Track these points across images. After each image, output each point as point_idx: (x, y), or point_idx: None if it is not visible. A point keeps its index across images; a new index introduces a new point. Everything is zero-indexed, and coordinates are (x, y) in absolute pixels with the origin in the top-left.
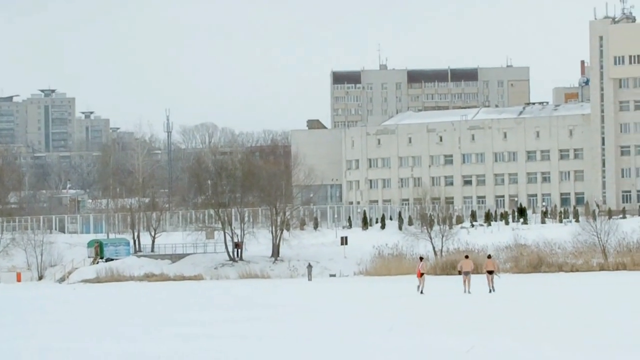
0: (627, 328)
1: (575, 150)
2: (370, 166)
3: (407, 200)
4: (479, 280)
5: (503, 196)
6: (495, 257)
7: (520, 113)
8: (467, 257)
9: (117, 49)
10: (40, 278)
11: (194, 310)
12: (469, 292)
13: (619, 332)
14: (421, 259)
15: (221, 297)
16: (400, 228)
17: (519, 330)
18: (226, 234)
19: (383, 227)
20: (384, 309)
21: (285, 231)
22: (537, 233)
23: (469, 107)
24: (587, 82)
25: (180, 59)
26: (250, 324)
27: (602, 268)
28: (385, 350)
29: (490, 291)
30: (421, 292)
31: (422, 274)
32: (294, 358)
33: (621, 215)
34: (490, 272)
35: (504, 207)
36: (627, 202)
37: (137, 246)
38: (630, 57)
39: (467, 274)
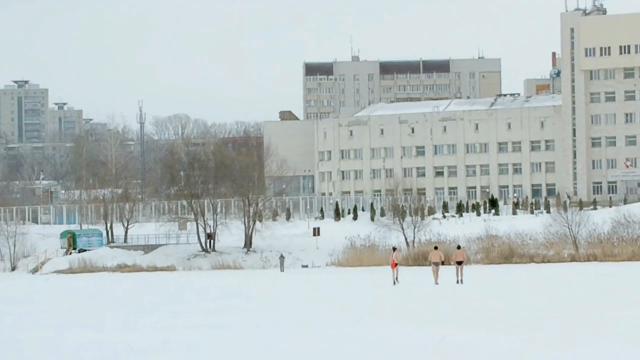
0: (597, 319)
1: (546, 141)
2: (343, 157)
3: (379, 191)
4: (449, 272)
5: (475, 187)
6: (466, 248)
7: (492, 104)
8: (436, 248)
9: (90, 40)
10: (13, 269)
11: (167, 302)
12: (437, 283)
13: (589, 323)
14: (394, 249)
15: (194, 288)
16: (372, 219)
17: (490, 322)
18: (199, 225)
19: (355, 218)
20: (355, 300)
21: (257, 222)
22: (508, 224)
23: (440, 99)
24: (558, 74)
25: (152, 50)
26: (222, 315)
27: (573, 259)
28: (351, 342)
29: (457, 282)
30: (395, 282)
31: (396, 264)
32: (264, 348)
33: (592, 207)
34: (460, 263)
35: (475, 198)
36: (597, 193)
37: (110, 237)
38: (601, 48)
39: (436, 264)
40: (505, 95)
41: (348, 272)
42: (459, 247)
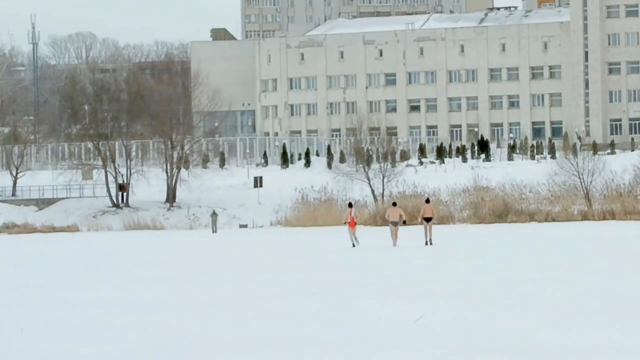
0: (606, 292)
1: (550, 68)
2: (292, 87)
3: (338, 130)
4: (415, 232)
5: (460, 126)
6: (449, 202)
7: (482, 21)
8: (394, 204)
9: None
10: None
11: (67, 271)
12: (395, 245)
13: (595, 297)
14: (350, 205)
15: (102, 254)
16: (329, 166)
17: (476, 295)
18: (108, 174)
19: (307, 164)
20: (308, 269)
21: (183, 170)
22: (502, 173)
23: (416, 14)
24: None
25: None
26: (139, 287)
27: (585, 217)
28: (308, 321)
29: (426, 243)
30: (355, 244)
31: (355, 224)
32: (196, 332)
33: (609, 150)
34: (428, 220)
35: (460, 139)
36: (616, 133)
37: None
38: None
39: (395, 224)
40: (498, 9)
41: (298, 234)
42: (427, 201)
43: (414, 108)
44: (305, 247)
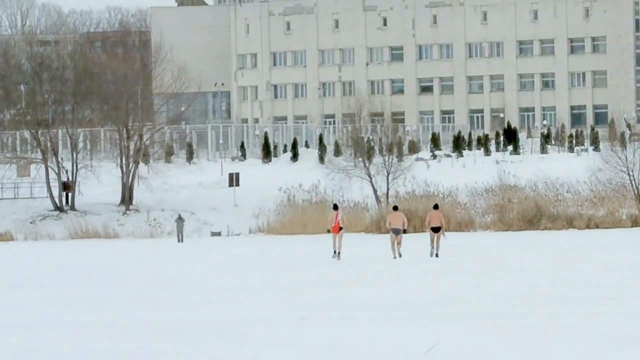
0: None
1: (593, 39)
2: (275, 64)
3: (333, 117)
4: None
5: (481, 111)
6: (468, 205)
7: None
8: (395, 208)
9: None
10: None
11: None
12: (396, 256)
13: None
14: (335, 207)
15: (42, 268)
16: (321, 160)
17: (499, 320)
18: (49, 169)
19: (295, 158)
20: (295, 286)
21: (141, 165)
22: (534, 168)
23: None
24: None
25: None
26: (88, 309)
27: (635, 223)
28: (297, 351)
29: (432, 255)
30: (336, 255)
31: (340, 229)
32: None
33: None
34: (436, 230)
35: (482, 127)
36: None
37: None
38: None
39: (396, 232)
40: None
41: (284, 243)
42: (435, 207)
43: (426, 89)
44: (292, 260)
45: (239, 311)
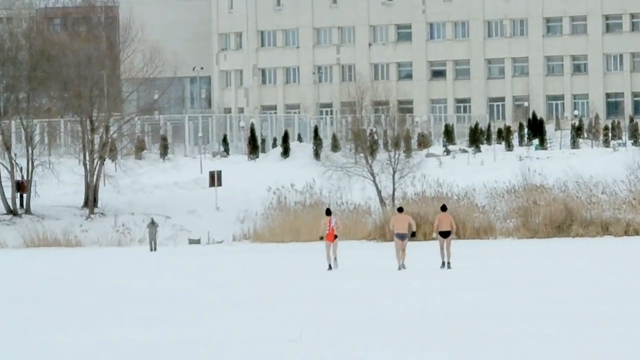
0: None
1: (632, 16)
2: (263, 45)
3: (330, 106)
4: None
5: (502, 99)
6: (487, 208)
7: None
8: (400, 209)
9: None
10: None
11: None
12: (401, 267)
13: None
14: (329, 212)
15: None
16: (317, 156)
17: (521, 343)
18: (1, 167)
19: (286, 154)
20: (286, 302)
21: (108, 161)
22: (563, 165)
23: None
24: None
25: None
26: (40, 327)
27: None
28: None
29: (443, 265)
30: (334, 263)
31: (335, 237)
32: None
33: None
34: (446, 235)
35: (504, 118)
36: None
37: None
38: None
39: (401, 237)
40: None
41: (273, 252)
42: (444, 208)
43: (438, 74)
44: (281, 272)
45: (220, 330)
